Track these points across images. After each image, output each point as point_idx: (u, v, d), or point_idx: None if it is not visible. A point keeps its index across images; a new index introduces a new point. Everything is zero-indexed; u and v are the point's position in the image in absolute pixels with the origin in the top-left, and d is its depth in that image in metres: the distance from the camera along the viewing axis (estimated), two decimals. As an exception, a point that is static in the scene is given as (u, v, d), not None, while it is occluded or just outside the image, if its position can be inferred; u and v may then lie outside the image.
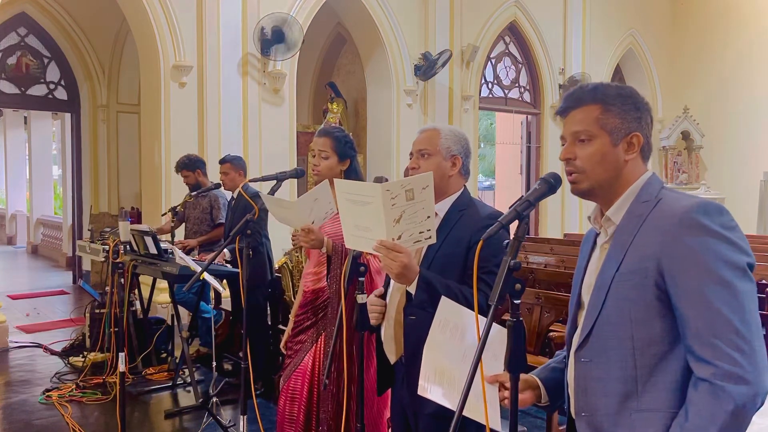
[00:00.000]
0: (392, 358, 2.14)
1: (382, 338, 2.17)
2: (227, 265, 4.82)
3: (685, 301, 1.34)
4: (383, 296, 2.20)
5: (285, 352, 3.10)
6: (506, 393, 1.54)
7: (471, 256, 2.02)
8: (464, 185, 2.19)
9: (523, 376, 1.60)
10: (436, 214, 2.12)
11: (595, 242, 1.58)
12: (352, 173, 2.89)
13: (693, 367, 1.34)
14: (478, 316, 1.50)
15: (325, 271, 2.86)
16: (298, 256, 4.31)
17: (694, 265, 1.33)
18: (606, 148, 1.48)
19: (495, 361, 1.58)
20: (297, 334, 2.95)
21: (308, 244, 2.65)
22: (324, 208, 2.58)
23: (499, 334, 1.56)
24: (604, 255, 1.50)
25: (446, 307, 1.67)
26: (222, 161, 5.04)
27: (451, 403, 1.61)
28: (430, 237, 1.87)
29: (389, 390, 2.29)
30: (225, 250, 4.84)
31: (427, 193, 1.80)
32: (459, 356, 1.61)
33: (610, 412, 1.43)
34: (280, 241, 5.36)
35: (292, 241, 4.04)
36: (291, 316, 3.15)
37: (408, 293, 2.05)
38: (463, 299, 1.94)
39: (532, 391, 1.62)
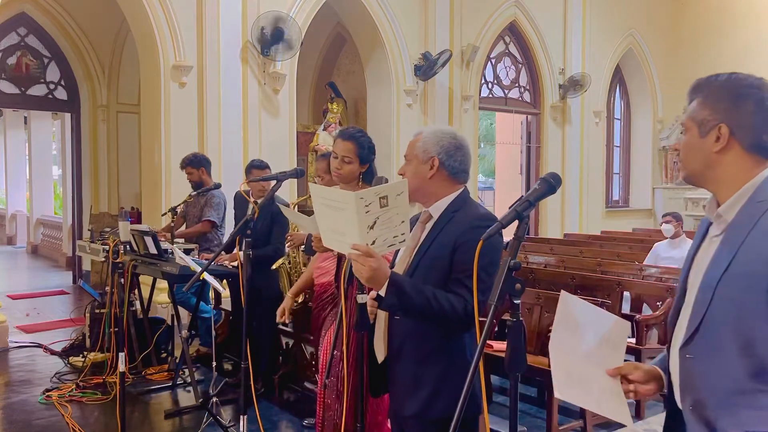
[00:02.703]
0: (380, 358, 2.13)
1: (374, 337, 2.16)
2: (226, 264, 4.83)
3: None
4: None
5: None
6: (630, 386, 1.57)
7: (455, 258, 1.98)
8: (462, 186, 2.12)
9: (645, 366, 1.61)
10: (431, 216, 2.11)
11: (707, 231, 1.56)
12: (369, 175, 2.92)
13: None
14: (477, 318, 1.51)
15: (331, 267, 2.88)
16: (295, 257, 4.32)
17: None
18: (693, 140, 1.50)
19: (615, 352, 1.60)
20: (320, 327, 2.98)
21: (321, 249, 2.67)
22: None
23: (618, 326, 1.61)
24: (713, 250, 1.48)
25: (567, 302, 1.61)
26: (267, 166, 5.00)
27: (587, 405, 1.61)
28: (403, 240, 1.88)
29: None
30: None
31: (402, 199, 1.81)
32: (582, 354, 1.60)
33: (718, 407, 1.42)
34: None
35: (288, 241, 4.06)
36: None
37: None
38: (436, 302, 1.90)
39: (656, 381, 1.61)
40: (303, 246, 3.82)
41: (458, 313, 1.90)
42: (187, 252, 4.81)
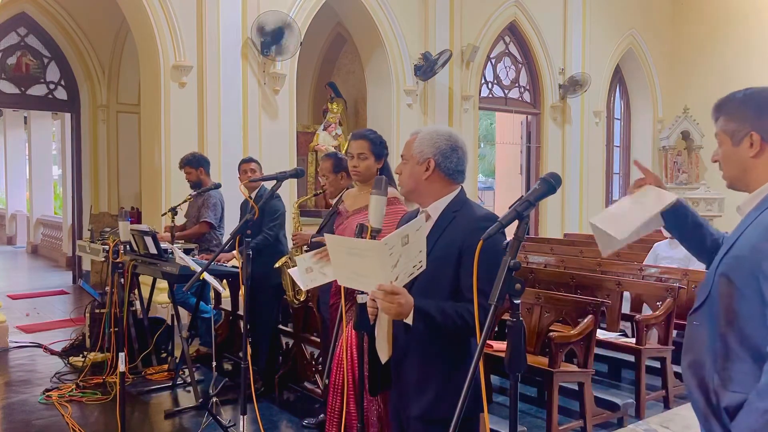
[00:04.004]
0: (383, 358, 2.12)
1: (376, 338, 2.15)
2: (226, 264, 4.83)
3: None
4: None
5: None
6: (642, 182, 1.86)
7: (463, 262, 1.97)
8: (458, 186, 2.13)
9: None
10: (429, 216, 2.11)
11: None
12: (386, 171, 3.11)
13: None
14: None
15: None
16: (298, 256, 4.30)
17: None
18: (728, 150, 1.69)
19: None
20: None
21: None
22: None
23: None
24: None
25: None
26: (250, 160, 5.14)
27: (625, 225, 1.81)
28: (421, 267, 1.88)
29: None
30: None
31: (421, 233, 1.82)
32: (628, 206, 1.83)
33: (710, 368, 1.65)
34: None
35: (293, 241, 4.05)
36: None
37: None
38: (460, 319, 1.91)
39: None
40: (307, 246, 3.82)
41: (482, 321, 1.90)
42: (187, 252, 4.81)
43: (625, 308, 5.09)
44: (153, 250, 4.64)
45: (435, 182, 2.09)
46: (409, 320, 1.89)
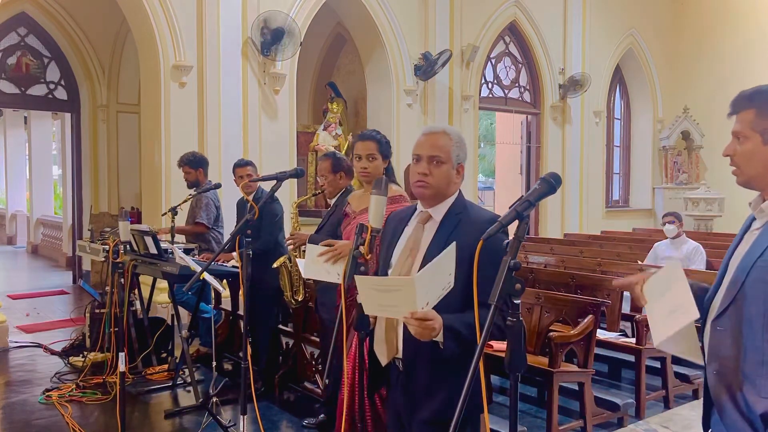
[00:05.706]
0: (383, 360, 2.11)
1: (375, 340, 2.14)
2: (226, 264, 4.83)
3: None
4: None
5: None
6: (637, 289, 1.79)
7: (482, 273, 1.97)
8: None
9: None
10: (431, 217, 2.10)
11: (750, 226, 1.72)
12: (390, 170, 3.16)
13: None
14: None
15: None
16: (296, 257, 4.30)
17: None
18: (756, 148, 1.62)
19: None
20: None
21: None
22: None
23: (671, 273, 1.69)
24: (752, 239, 1.66)
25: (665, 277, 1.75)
26: (246, 164, 5.15)
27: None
28: (450, 286, 1.86)
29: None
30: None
31: (449, 259, 1.79)
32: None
33: (740, 374, 1.60)
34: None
35: (289, 241, 4.05)
36: None
37: None
38: (486, 330, 1.90)
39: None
40: (305, 246, 3.82)
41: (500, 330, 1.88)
42: (187, 252, 4.81)
43: (625, 308, 5.09)
44: (153, 250, 4.65)
45: (456, 185, 2.11)
46: (439, 338, 1.87)
